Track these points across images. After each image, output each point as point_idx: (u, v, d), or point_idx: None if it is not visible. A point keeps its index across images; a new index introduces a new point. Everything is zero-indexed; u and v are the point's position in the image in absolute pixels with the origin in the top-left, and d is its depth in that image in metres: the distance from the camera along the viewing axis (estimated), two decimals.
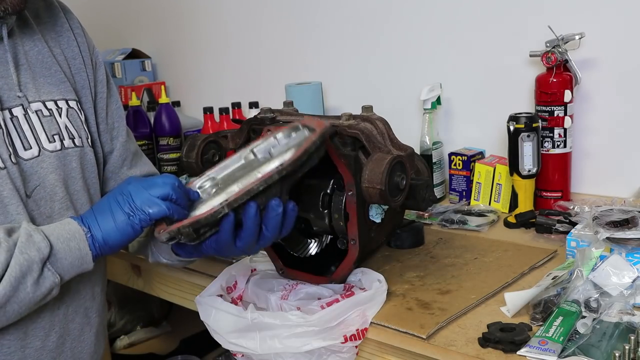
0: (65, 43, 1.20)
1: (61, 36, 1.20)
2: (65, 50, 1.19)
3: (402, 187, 1.13)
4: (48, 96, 1.12)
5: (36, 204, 1.06)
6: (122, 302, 2.24)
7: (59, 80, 1.14)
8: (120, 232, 1.01)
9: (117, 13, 2.72)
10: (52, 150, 1.09)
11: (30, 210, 1.05)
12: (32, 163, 1.07)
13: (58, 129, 1.11)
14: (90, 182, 1.17)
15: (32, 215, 1.05)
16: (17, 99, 1.07)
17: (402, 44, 1.88)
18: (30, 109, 1.08)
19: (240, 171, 1.06)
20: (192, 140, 1.29)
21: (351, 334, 1.07)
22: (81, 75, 1.20)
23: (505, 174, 1.57)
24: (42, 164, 1.08)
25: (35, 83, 1.11)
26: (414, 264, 1.31)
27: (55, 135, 1.10)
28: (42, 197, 1.07)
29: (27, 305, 0.97)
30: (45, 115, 1.10)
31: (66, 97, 1.14)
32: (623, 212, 1.19)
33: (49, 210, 1.08)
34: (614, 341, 0.94)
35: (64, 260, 0.98)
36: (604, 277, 1.07)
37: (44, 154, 1.08)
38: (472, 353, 0.97)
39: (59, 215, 1.08)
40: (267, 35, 2.21)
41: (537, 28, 1.54)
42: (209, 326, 1.16)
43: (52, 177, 1.08)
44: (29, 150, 1.07)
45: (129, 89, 2.37)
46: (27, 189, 1.05)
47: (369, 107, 1.24)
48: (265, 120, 1.26)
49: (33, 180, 1.06)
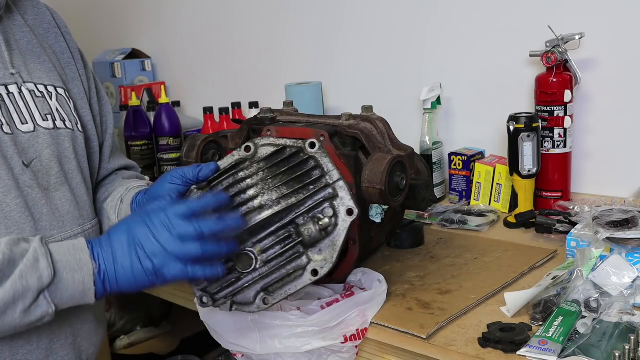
0: (53, 39, 1.24)
1: (49, 32, 1.24)
2: (53, 46, 1.23)
3: (402, 187, 1.13)
4: (39, 80, 1.15)
5: (35, 175, 1.08)
6: (122, 302, 2.24)
7: (48, 69, 1.18)
8: (136, 280, 0.96)
9: (117, 13, 2.71)
10: (46, 128, 1.12)
11: (29, 179, 1.07)
12: (28, 137, 1.10)
13: (50, 109, 1.14)
14: (83, 165, 1.20)
15: (30, 184, 1.07)
16: (12, 76, 1.11)
17: (402, 44, 1.88)
18: (25, 87, 1.12)
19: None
20: (192, 140, 1.29)
21: (351, 334, 1.07)
22: (70, 69, 1.24)
23: (505, 174, 1.57)
24: (37, 139, 1.10)
25: (27, 67, 1.15)
26: (414, 264, 1.31)
27: (48, 114, 1.14)
28: (39, 170, 1.09)
29: (10, 329, 0.94)
30: (38, 96, 1.14)
31: (55, 84, 1.18)
32: (623, 212, 1.19)
33: (45, 183, 1.10)
34: (614, 341, 0.94)
35: (65, 292, 0.94)
36: (604, 277, 1.07)
37: (39, 130, 1.11)
38: (472, 353, 0.97)
39: (55, 189, 1.11)
40: (267, 35, 2.21)
41: (537, 28, 1.54)
42: (209, 326, 1.15)
43: (47, 152, 1.11)
44: (25, 125, 1.10)
45: (129, 89, 2.37)
46: (26, 159, 1.08)
47: (369, 107, 1.24)
48: (265, 120, 1.26)
49: (30, 152, 1.09)
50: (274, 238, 1.04)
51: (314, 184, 1.04)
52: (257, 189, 1.05)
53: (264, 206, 1.04)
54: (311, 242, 1.02)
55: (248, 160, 1.07)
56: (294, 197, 1.04)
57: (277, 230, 1.04)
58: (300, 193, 1.04)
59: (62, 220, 1.11)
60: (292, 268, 1.02)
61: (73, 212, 1.14)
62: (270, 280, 1.03)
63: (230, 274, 1.04)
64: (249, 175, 1.06)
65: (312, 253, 1.02)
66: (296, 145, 1.06)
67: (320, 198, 1.03)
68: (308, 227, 1.01)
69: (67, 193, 1.13)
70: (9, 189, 1.04)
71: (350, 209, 1.01)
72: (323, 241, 1.02)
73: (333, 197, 1.02)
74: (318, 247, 1.02)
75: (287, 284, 1.03)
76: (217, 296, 1.05)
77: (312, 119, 1.26)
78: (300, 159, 1.06)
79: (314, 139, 1.05)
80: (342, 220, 1.02)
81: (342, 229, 1.01)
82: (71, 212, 1.13)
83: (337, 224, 1.02)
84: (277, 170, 1.06)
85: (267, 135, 1.16)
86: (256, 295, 1.03)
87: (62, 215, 1.11)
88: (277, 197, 1.04)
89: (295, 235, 1.03)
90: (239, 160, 1.08)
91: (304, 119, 1.26)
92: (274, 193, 1.04)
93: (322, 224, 1.01)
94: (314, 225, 1.01)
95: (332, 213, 1.02)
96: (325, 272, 1.01)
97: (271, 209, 1.04)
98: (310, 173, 1.05)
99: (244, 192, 1.06)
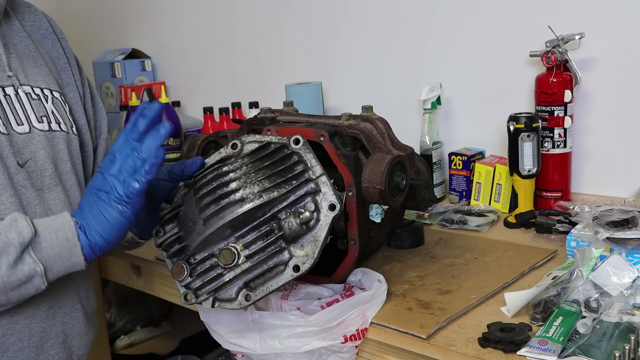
0: (50, 44, 1.26)
1: (45, 38, 1.26)
2: (49, 51, 1.25)
3: (402, 187, 1.13)
4: (35, 83, 1.17)
5: (29, 175, 1.10)
6: (122, 302, 2.24)
7: (45, 73, 1.20)
8: (111, 222, 0.99)
9: (117, 13, 2.71)
10: (41, 130, 1.14)
11: (23, 179, 1.08)
12: (24, 138, 1.11)
13: (45, 112, 1.16)
14: (77, 167, 1.21)
15: (24, 184, 1.08)
16: (8, 78, 1.13)
17: (402, 44, 1.88)
18: (21, 89, 1.14)
19: None
20: (192, 140, 1.29)
21: (351, 334, 1.07)
22: (66, 74, 1.26)
23: (505, 174, 1.57)
24: (32, 140, 1.12)
25: (24, 70, 1.16)
26: (414, 264, 1.31)
27: (43, 117, 1.15)
28: (34, 170, 1.11)
29: (2, 291, 0.95)
30: (34, 99, 1.15)
31: (51, 88, 1.19)
32: (623, 212, 1.19)
33: (39, 184, 1.11)
34: (614, 341, 0.94)
35: (50, 250, 0.96)
36: (604, 277, 1.07)
37: (34, 131, 1.13)
38: (472, 353, 0.97)
39: (49, 189, 1.13)
40: (267, 35, 2.21)
41: (537, 28, 1.54)
42: (209, 326, 1.15)
43: (42, 154, 1.13)
44: (21, 126, 1.11)
45: (129, 89, 2.36)
46: (20, 160, 1.09)
47: (369, 107, 1.24)
48: (265, 120, 1.26)
49: (25, 153, 1.11)
50: (256, 232, 1.03)
51: (296, 179, 1.03)
52: (240, 182, 1.03)
53: (246, 199, 1.02)
54: (292, 237, 1.01)
55: (234, 157, 1.07)
56: (275, 190, 1.02)
57: (259, 225, 1.03)
58: (282, 187, 1.03)
59: None
60: (274, 263, 1.02)
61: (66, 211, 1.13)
62: (252, 275, 1.02)
63: (213, 269, 1.04)
64: (232, 170, 1.05)
65: (294, 248, 1.01)
66: (280, 141, 1.06)
67: (302, 192, 1.02)
68: (289, 220, 1.00)
69: (60, 194, 1.14)
70: (4, 187, 1.05)
71: (333, 204, 1.01)
72: (305, 236, 1.01)
73: (315, 192, 1.02)
74: (300, 242, 1.01)
75: (269, 280, 1.02)
76: (199, 292, 1.05)
77: (312, 119, 1.26)
78: (284, 154, 1.05)
79: (299, 135, 1.05)
80: (324, 216, 1.01)
81: (324, 224, 1.01)
82: (63, 211, 1.12)
83: (319, 219, 1.01)
84: (260, 164, 1.05)
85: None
86: (238, 292, 1.02)
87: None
88: (259, 190, 1.02)
89: (277, 229, 1.02)
90: (225, 157, 1.08)
91: (304, 119, 1.26)
92: (255, 186, 1.02)
93: (303, 217, 1.00)
94: (294, 218, 1.00)
95: (313, 208, 1.01)
96: (307, 268, 1.01)
97: (252, 202, 1.02)
98: (293, 167, 1.04)
99: (227, 185, 1.04)
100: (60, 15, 2.82)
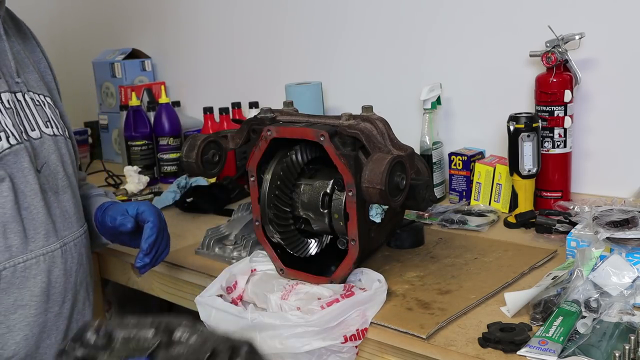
0: (31, 49, 1.28)
1: (26, 42, 1.28)
2: (31, 55, 1.27)
3: (402, 187, 1.13)
4: (33, 89, 1.20)
5: (46, 178, 1.15)
6: (122, 302, 2.24)
7: (37, 78, 1.23)
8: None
9: (117, 13, 2.71)
10: (49, 135, 1.18)
11: (42, 183, 1.13)
12: (37, 143, 1.15)
13: (47, 117, 1.19)
14: (75, 169, 1.26)
15: (43, 188, 1.13)
16: (17, 84, 1.16)
17: (402, 44, 1.88)
18: (27, 95, 1.17)
19: None
20: (192, 140, 1.29)
21: (351, 334, 1.07)
22: (48, 78, 1.29)
23: (505, 174, 1.57)
24: (43, 145, 1.16)
25: (25, 77, 1.19)
26: (414, 264, 1.31)
27: (47, 122, 1.19)
28: (49, 174, 1.16)
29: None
30: (38, 104, 1.19)
31: (44, 94, 1.23)
32: (623, 212, 1.19)
33: (55, 187, 1.16)
34: (614, 341, 0.94)
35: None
36: (604, 277, 1.07)
37: (44, 137, 1.17)
38: (472, 353, 0.97)
39: (63, 192, 1.18)
40: (267, 35, 2.21)
41: (537, 28, 1.54)
42: (209, 326, 1.15)
43: (53, 157, 1.17)
44: (33, 131, 1.15)
45: (129, 89, 2.37)
46: (38, 165, 1.14)
47: (369, 107, 1.24)
48: (265, 120, 1.26)
49: (40, 158, 1.15)
50: None
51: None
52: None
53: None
54: None
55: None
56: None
57: None
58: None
59: (70, 221, 1.18)
60: None
61: (77, 213, 1.21)
62: None
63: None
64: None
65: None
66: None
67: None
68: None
69: (70, 195, 1.19)
70: (35, 192, 1.11)
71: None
72: None
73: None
74: None
75: None
76: None
77: (312, 119, 1.26)
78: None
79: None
80: None
81: None
82: (75, 213, 1.20)
83: None
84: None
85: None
86: None
87: (70, 216, 1.18)
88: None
89: None
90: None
91: (304, 119, 1.26)
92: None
93: None
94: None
95: None
96: None
97: None
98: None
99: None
100: (61, 15, 2.83)
